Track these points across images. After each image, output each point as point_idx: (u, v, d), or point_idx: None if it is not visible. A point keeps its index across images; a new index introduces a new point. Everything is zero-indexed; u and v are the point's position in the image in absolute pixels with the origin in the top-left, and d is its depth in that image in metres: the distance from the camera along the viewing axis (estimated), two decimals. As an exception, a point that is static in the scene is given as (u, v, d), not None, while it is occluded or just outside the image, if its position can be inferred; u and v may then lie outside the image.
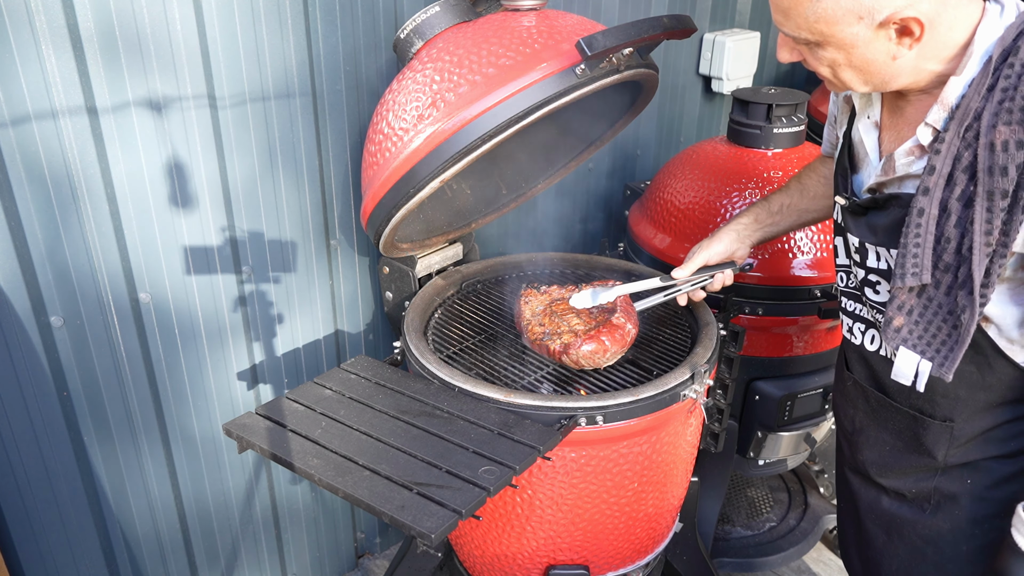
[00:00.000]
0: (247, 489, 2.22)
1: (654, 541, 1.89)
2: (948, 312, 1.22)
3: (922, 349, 1.26)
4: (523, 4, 1.69)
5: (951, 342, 1.23)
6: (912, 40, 1.15)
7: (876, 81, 1.23)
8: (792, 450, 2.29)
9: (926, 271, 1.20)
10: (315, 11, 1.87)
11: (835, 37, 1.17)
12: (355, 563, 2.62)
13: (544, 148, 2.10)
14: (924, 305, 1.24)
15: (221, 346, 2.01)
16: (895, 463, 1.47)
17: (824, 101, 3.03)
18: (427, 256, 2.04)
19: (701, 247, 1.74)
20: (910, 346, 1.27)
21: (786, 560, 2.57)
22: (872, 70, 1.21)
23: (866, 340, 1.46)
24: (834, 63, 1.23)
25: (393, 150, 1.62)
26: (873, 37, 1.16)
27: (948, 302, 1.21)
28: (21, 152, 1.57)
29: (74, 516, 1.89)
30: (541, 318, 1.82)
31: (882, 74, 1.22)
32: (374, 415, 1.57)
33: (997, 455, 1.36)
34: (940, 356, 1.24)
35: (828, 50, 1.21)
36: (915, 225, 1.20)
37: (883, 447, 1.49)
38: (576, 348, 1.66)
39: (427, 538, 1.24)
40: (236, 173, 1.88)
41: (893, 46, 1.17)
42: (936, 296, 1.22)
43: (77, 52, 1.57)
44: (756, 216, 1.75)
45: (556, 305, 1.85)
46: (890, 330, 1.28)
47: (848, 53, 1.19)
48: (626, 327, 1.72)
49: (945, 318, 1.22)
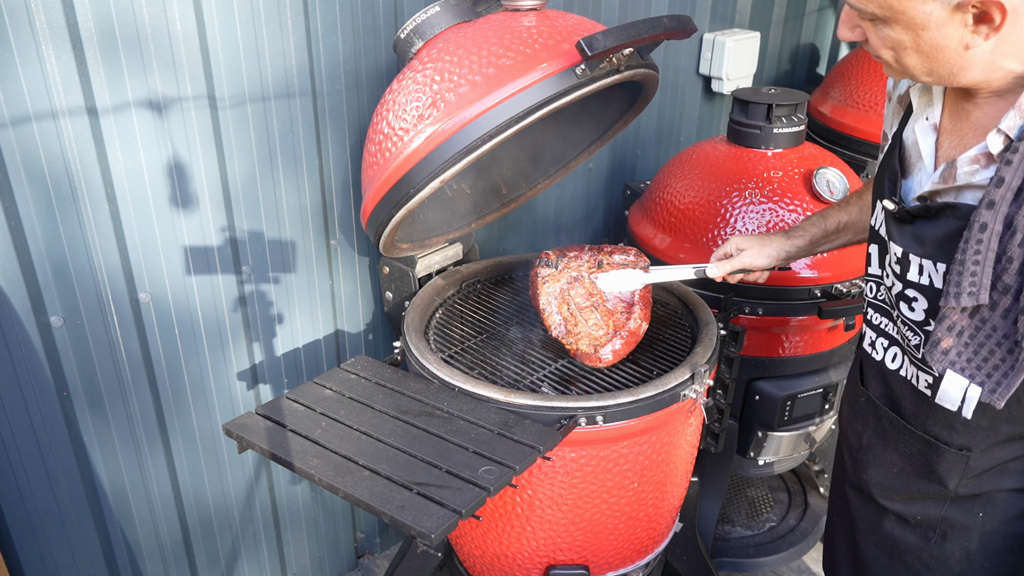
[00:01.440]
0: (247, 489, 2.22)
1: (654, 541, 1.89)
2: (1003, 336, 1.13)
3: (971, 373, 1.17)
4: (523, 4, 1.69)
5: (1005, 367, 1.14)
6: (990, 29, 1.05)
7: (942, 71, 1.13)
8: (792, 450, 2.29)
9: (984, 291, 1.11)
10: (315, 11, 1.87)
11: (905, 14, 1.07)
12: (355, 563, 2.62)
13: (544, 148, 2.10)
14: (976, 327, 1.15)
15: (221, 346, 2.01)
16: (902, 487, 1.40)
17: (823, 101, 3.03)
18: (427, 256, 2.04)
19: (746, 252, 1.66)
20: (958, 369, 1.18)
21: (786, 560, 2.57)
22: (940, 58, 1.10)
23: (887, 357, 1.39)
24: (899, 45, 1.12)
25: (393, 150, 1.62)
26: (947, 19, 1.05)
27: (1005, 326, 1.12)
28: (21, 152, 1.57)
29: (74, 516, 1.89)
30: (558, 306, 1.75)
31: (950, 64, 1.11)
32: (374, 415, 1.57)
33: (1014, 488, 1.30)
34: (992, 382, 1.15)
35: (895, 29, 1.10)
36: (975, 241, 1.10)
37: (891, 469, 1.42)
38: (593, 361, 1.69)
39: (427, 538, 1.24)
40: (236, 173, 1.88)
41: (968, 33, 1.06)
42: (991, 319, 1.13)
43: (77, 52, 1.57)
44: (812, 237, 1.66)
45: (574, 289, 1.77)
46: (937, 352, 1.19)
47: (916, 35, 1.09)
48: (641, 329, 1.71)
49: (999, 342, 1.14)
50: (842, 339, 2.24)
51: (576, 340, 1.72)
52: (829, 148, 2.65)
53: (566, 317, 1.74)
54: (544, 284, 1.79)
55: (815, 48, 3.59)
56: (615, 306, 1.76)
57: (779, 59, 3.43)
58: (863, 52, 3.00)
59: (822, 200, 2.12)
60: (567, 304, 1.75)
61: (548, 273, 1.81)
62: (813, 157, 2.23)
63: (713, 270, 1.66)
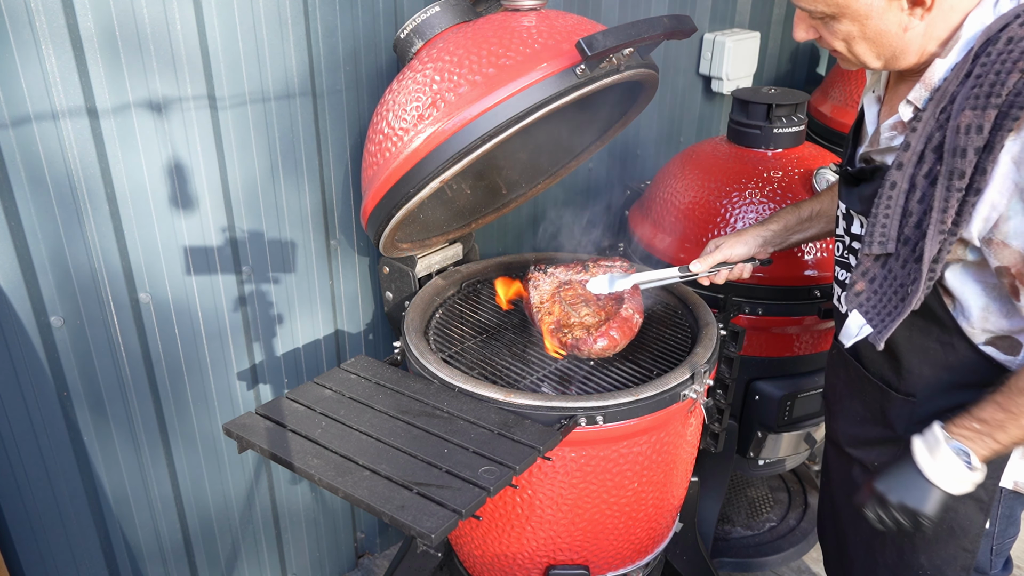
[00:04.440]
0: (247, 489, 2.22)
1: (654, 541, 1.90)
2: (900, 284, 1.28)
3: (871, 316, 1.33)
4: (523, 4, 1.69)
5: (895, 312, 1.29)
6: (923, 10, 1.21)
7: (887, 54, 1.28)
8: (792, 450, 2.29)
9: (891, 241, 1.27)
10: (315, 11, 1.88)
11: (850, 8, 1.23)
12: (355, 563, 2.62)
13: (544, 148, 2.10)
14: (884, 276, 1.31)
15: (221, 346, 2.01)
16: (863, 434, 1.53)
17: (823, 101, 3.04)
18: (427, 256, 2.04)
19: (724, 244, 1.75)
20: (863, 311, 1.34)
21: (786, 560, 2.57)
22: (884, 42, 1.26)
23: None
24: (849, 36, 1.28)
25: (393, 150, 1.62)
26: (886, 7, 1.21)
27: (902, 275, 1.27)
28: (21, 153, 1.57)
29: (74, 516, 1.89)
30: (550, 306, 1.81)
31: (893, 47, 1.26)
32: (374, 415, 1.57)
33: None
34: (880, 323, 1.31)
35: (843, 23, 1.26)
36: (886, 197, 1.26)
37: (855, 417, 1.54)
38: (589, 345, 1.69)
39: (427, 538, 1.24)
40: (236, 173, 1.88)
41: (905, 16, 1.22)
42: (894, 268, 1.28)
43: (77, 53, 1.57)
44: (786, 223, 1.76)
45: (564, 291, 1.84)
46: (851, 293, 1.35)
47: (863, 24, 1.24)
48: (634, 319, 1.74)
49: (896, 289, 1.29)
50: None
51: (571, 331, 1.75)
52: (829, 148, 2.65)
53: (559, 315, 1.79)
54: (535, 289, 1.87)
55: (815, 48, 3.59)
56: (606, 301, 1.82)
57: (779, 59, 3.43)
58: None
59: (822, 200, 2.12)
60: (559, 304, 1.81)
61: (539, 280, 1.89)
62: (813, 157, 2.23)
63: (696, 266, 1.75)
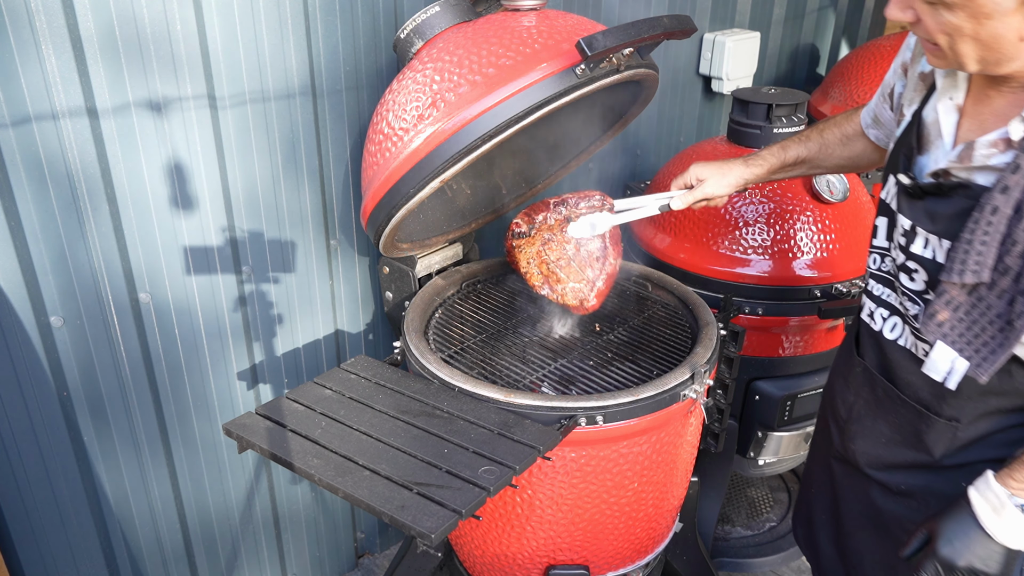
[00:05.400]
0: (247, 489, 2.22)
1: (654, 541, 1.89)
2: (997, 315, 1.18)
3: (961, 347, 1.22)
4: (523, 4, 1.69)
5: (994, 344, 1.19)
6: None
7: (991, 59, 1.14)
8: (792, 450, 2.29)
9: (987, 270, 1.15)
10: (315, 11, 1.88)
11: (975, 2, 1.07)
12: (355, 563, 2.62)
13: (544, 148, 2.10)
14: (972, 304, 1.20)
15: (221, 346, 2.01)
16: (888, 456, 1.46)
17: (823, 102, 3.03)
18: (427, 256, 2.04)
19: (707, 182, 1.73)
20: (949, 342, 1.23)
21: (786, 560, 2.57)
22: (995, 47, 1.11)
23: (887, 327, 1.43)
24: (957, 31, 1.12)
25: (393, 150, 1.62)
26: (1013, 10, 1.06)
27: (1000, 305, 1.17)
28: (22, 153, 1.57)
29: (74, 516, 1.89)
30: (537, 266, 1.87)
31: (1002, 53, 1.12)
32: (374, 415, 1.57)
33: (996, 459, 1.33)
34: (979, 356, 1.20)
35: (958, 15, 1.10)
36: (985, 222, 1.14)
37: (879, 439, 1.47)
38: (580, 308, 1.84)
39: (427, 538, 1.24)
40: (236, 173, 1.88)
41: None
42: (987, 297, 1.18)
43: (77, 53, 1.58)
44: (770, 167, 1.73)
45: (549, 247, 1.86)
46: (932, 323, 1.24)
47: (978, 23, 1.09)
48: (617, 266, 1.86)
49: (992, 320, 1.18)
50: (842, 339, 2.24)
51: (562, 293, 1.83)
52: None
53: (547, 275, 1.85)
54: (521, 252, 1.89)
55: (815, 48, 3.59)
56: (589, 254, 1.85)
57: (779, 59, 3.43)
58: (863, 52, 3.00)
59: (822, 200, 2.12)
60: (546, 263, 1.85)
61: (523, 240, 1.90)
62: (813, 157, 2.23)
63: (677, 203, 1.75)
